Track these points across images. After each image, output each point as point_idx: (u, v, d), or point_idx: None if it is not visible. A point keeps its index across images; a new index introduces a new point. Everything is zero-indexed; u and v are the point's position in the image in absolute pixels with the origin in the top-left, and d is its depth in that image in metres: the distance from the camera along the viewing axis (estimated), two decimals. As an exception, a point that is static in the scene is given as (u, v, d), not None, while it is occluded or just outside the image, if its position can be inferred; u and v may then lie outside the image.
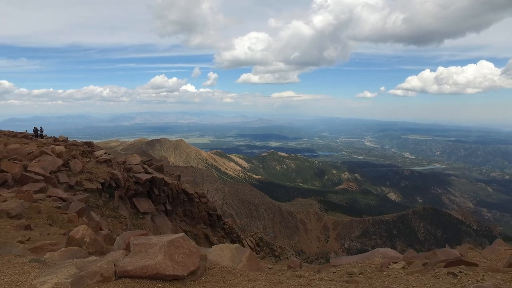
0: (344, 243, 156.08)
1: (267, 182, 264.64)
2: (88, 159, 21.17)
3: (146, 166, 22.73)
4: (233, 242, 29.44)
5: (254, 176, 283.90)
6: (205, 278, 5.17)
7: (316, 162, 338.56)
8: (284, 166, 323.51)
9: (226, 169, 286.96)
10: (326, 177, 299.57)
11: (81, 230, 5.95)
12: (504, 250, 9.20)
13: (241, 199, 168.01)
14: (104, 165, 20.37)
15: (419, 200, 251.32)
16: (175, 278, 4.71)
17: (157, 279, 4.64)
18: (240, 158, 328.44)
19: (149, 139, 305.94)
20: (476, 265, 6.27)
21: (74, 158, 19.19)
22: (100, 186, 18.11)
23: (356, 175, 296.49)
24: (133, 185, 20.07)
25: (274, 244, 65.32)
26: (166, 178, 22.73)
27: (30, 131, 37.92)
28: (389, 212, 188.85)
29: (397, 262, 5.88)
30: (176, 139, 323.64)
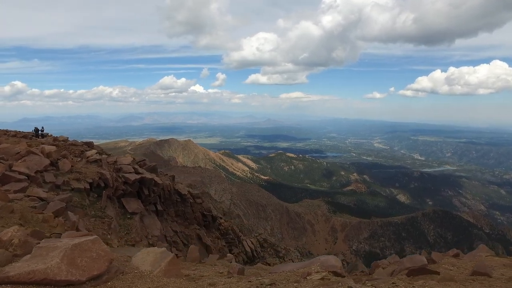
0: (352, 245, 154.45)
1: (275, 183, 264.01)
2: (79, 159, 21.18)
3: (137, 167, 22.52)
4: (228, 243, 29.23)
5: (262, 176, 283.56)
6: (111, 284, 4.86)
7: (324, 163, 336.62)
8: (292, 167, 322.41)
9: (234, 169, 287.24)
10: (334, 178, 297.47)
11: (10, 232, 5.64)
12: (486, 256, 8.74)
13: (249, 200, 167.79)
14: (94, 165, 20.22)
15: (429, 202, 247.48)
16: (69, 284, 4.34)
17: (46, 285, 4.26)
18: (248, 158, 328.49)
19: (158, 139, 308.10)
20: (438, 273, 5.91)
21: (64, 158, 19.17)
22: (88, 186, 17.95)
23: (364, 176, 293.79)
24: (122, 185, 19.91)
25: (279, 245, 64.86)
26: (156, 179, 22.49)
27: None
28: (398, 214, 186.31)
29: (318, 273, 5.54)
30: (185, 139, 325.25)
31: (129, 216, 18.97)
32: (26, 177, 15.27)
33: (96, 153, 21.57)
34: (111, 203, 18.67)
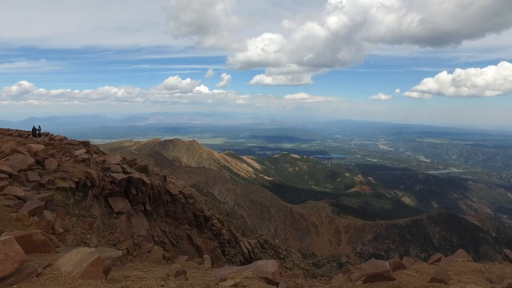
0: (356, 247, 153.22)
1: (279, 184, 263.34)
2: (67, 158, 21.09)
3: (125, 166, 22.36)
4: (221, 243, 28.98)
5: (266, 177, 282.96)
6: (18, 286, 4.63)
7: (329, 164, 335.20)
8: (297, 168, 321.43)
9: (238, 170, 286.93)
10: (338, 179, 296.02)
11: None
12: (461, 261, 8.39)
13: (253, 201, 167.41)
14: (82, 164, 20.14)
15: (434, 205, 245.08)
16: None
17: None
18: (252, 159, 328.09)
19: (163, 139, 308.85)
20: (393, 279, 5.61)
21: (51, 157, 19.09)
22: (73, 185, 17.85)
23: (369, 178, 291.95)
24: (109, 185, 19.80)
25: (280, 246, 64.62)
26: (144, 178, 22.32)
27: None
28: (403, 216, 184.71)
29: (233, 279, 5.23)
30: (189, 139, 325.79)
31: (115, 216, 18.79)
32: (8, 176, 15.12)
33: (85, 152, 21.46)
34: (97, 202, 18.50)
